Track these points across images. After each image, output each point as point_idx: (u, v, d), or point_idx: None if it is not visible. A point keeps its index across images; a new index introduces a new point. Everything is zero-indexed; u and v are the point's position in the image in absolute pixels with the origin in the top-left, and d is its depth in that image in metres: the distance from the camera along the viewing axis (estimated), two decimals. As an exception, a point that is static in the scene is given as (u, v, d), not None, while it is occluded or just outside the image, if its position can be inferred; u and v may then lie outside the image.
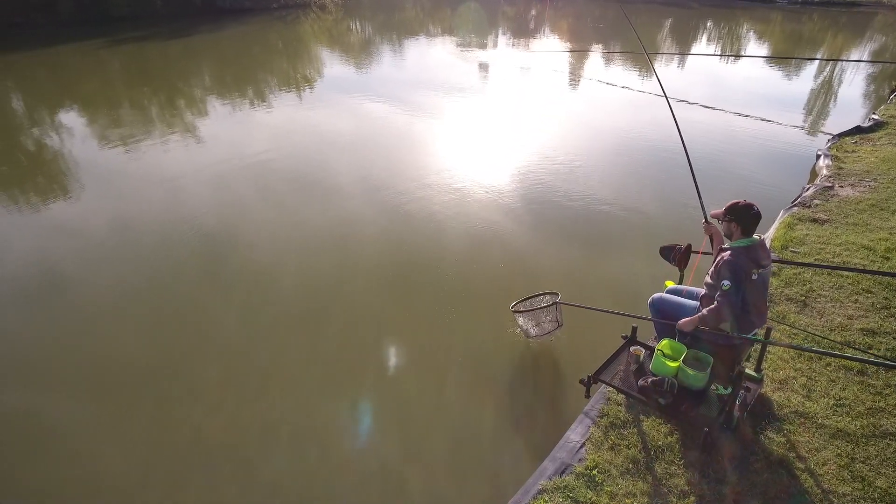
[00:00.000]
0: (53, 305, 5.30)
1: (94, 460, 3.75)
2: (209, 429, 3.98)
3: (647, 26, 33.54)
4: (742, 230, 3.21)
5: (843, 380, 3.82)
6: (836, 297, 4.73)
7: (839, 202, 6.64)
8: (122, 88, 14.79)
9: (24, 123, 11.59)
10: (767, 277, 3.31)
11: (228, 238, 6.47)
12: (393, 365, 4.68)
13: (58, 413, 4.10)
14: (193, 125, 11.10)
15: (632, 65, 19.03)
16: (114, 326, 5.02)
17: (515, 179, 8.26)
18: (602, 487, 3.08)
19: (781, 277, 5.04)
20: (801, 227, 6.03)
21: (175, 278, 5.75)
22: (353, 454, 3.87)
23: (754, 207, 3.18)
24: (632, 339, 3.74)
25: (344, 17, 36.94)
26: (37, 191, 8.03)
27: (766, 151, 9.67)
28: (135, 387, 4.35)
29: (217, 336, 4.92)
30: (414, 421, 4.10)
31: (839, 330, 4.33)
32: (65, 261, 6.02)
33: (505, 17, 41.24)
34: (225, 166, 8.62)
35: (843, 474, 3.10)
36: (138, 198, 7.55)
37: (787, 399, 3.67)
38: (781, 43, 27.99)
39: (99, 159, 9.09)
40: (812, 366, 3.97)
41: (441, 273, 5.80)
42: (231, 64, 18.39)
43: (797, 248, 5.54)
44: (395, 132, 10.71)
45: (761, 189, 7.79)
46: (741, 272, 3.13)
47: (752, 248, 3.19)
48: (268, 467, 3.69)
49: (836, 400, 3.64)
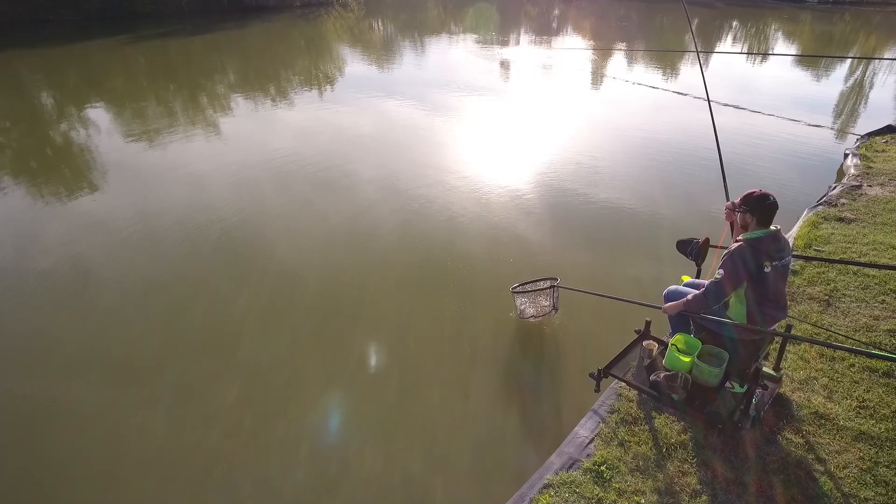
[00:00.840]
0: (74, 301, 5.29)
1: (110, 481, 3.57)
2: (228, 445, 3.81)
3: (671, 26, 33.07)
4: (758, 221, 3.09)
5: (868, 381, 3.66)
6: (862, 298, 4.55)
7: (867, 201, 6.41)
8: (146, 85, 15.00)
9: (52, 117, 11.82)
10: (785, 270, 3.16)
11: (249, 236, 6.41)
12: (412, 370, 4.46)
13: (66, 420, 4.00)
14: (218, 122, 11.16)
15: (656, 63, 18.77)
16: (132, 325, 4.94)
17: (536, 180, 8.09)
18: (610, 484, 2.98)
19: (804, 276, 4.87)
20: (826, 225, 5.84)
21: (195, 276, 5.71)
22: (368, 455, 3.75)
23: (770, 197, 3.05)
24: (645, 333, 3.63)
25: (366, 15, 37.14)
26: (62, 184, 8.11)
27: (792, 151, 9.40)
28: (151, 386, 4.27)
29: (236, 348, 4.72)
30: (431, 420, 4.00)
31: (864, 330, 4.16)
32: (87, 254, 6.04)
33: (528, 16, 41.08)
34: (247, 163, 8.64)
35: (864, 478, 2.96)
36: (161, 193, 7.58)
37: (807, 399, 3.53)
38: (811, 43, 27.31)
39: (123, 154, 9.19)
40: (834, 366, 3.81)
41: (463, 274, 5.64)
42: (255, 61, 18.55)
43: (821, 247, 5.36)
44: (417, 131, 10.60)
45: (786, 188, 7.56)
46: (741, 264, 3.01)
47: (765, 240, 3.06)
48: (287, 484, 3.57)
49: (859, 402, 3.49)
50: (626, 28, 32.51)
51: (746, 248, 3.05)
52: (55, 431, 3.89)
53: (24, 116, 11.79)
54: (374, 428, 3.95)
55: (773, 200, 3.04)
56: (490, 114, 12.12)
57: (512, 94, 13.80)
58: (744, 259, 3.01)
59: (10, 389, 4.24)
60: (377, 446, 3.79)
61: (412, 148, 9.61)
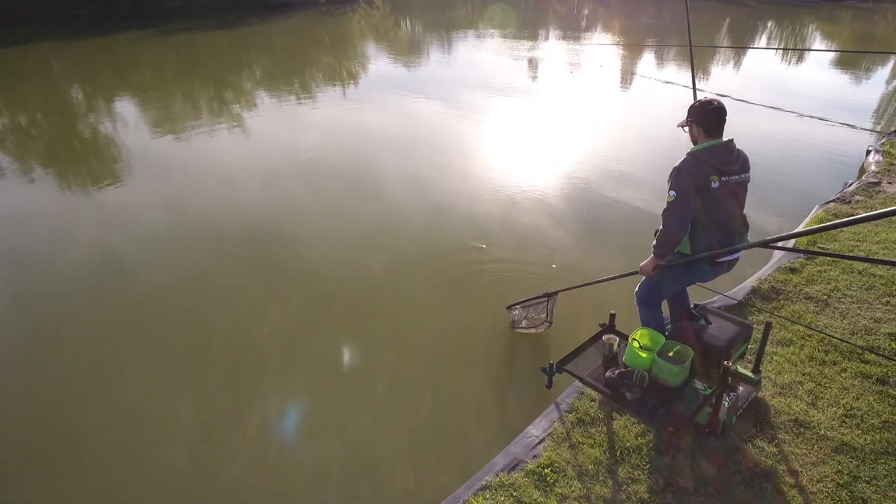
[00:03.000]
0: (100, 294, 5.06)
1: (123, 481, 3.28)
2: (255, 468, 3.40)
3: (702, 24, 32.19)
4: (705, 132, 2.78)
5: (859, 388, 3.31)
6: (864, 298, 4.17)
7: (884, 199, 5.96)
8: (175, 79, 15.10)
9: (81, 110, 11.94)
10: (740, 189, 2.84)
11: (273, 234, 6.07)
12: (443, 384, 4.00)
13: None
14: (244, 118, 10.92)
15: (684, 63, 18.19)
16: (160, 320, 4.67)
17: (563, 182, 7.50)
18: (552, 488, 2.72)
19: (803, 274, 4.50)
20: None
21: (218, 278, 5.32)
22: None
23: (714, 103, 2.74)
24: (609, 326, 3.34)
25: (391, 12, 37.14)
26: (90, 177, 8.00)
27: (818, 149, 8.86)
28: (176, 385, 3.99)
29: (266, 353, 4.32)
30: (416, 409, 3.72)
31: (862, 333, 3.79)
32: (114, 248, 5.83)
33: (556, 14, 40.53)
34: (273, 160, 8.41)
35: (840, 494, 2.64)
36: (186, 187, 7.45)
37: (787, 406, 3.20)
38: (851, 44, 26.12)
39: (150, 147, 9.07)
40: (824, 371, 3.47)
41: (490, 276, 5.22)
42: (280, 58, 18.58)
43: (826, 245, 4.96)
44: (443, 131, 10.12)
45: (805, 186, 7.09)
46: (689, 178, 2.71)
47: (711, 151, 2.75)
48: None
49: (846, 410, 3.15)
50: (650, 26, 31.75)
51: (691, 160, 2.76)
52: (74, 424, 3.64)
53: (56, 108, 11.88)
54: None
55: (717, 106, 2.74)
56: (517, 114, 11.53)
57: (539, 94, 13.30)
58: (690, 173, 2.72)
59: (29, 380, 4.03)
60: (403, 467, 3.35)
61: (439, 148, 9.19)
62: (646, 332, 3.06)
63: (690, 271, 3.07)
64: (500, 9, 39.10)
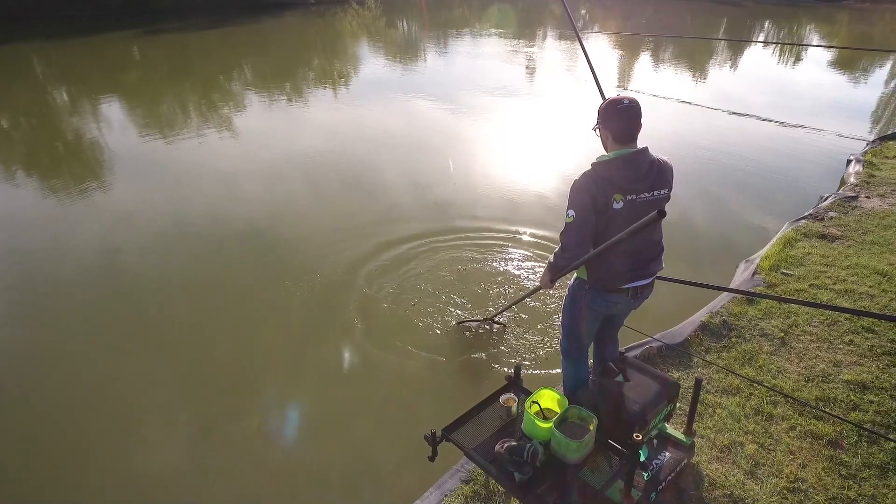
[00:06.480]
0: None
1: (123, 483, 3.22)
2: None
3: (698, 25, 31.73)
4: (613, 136, 2.29)
5: (807, 452, 2.83)
6: (826, 336, 3.69)
7: (860, 215, 5.47)
8: (166, 80, 14.62)
9: (65, 110, 11.52)
10: (649, 209, 2.03)
11: (275, 235, 5.86)
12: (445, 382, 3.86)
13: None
14: (237, 119, 10.53)
15: (679, 69, 17.71)
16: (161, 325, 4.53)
17: (562, 185, 6.95)
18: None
19: (760, 306, 4.02)
20: (804, 243, 4.94)
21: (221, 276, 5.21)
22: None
23: (625, 101, 2.24)
24: (513, 382, 2.84)
25: (383, 13, 36.69)
26: (73, 179, 7.61)
27: (796, 159, 8.35)
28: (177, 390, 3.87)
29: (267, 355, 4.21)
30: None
31: (819, 381, 3.31)
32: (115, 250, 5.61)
33: (552, 15, 40.05)
34: (273, 161, 8.09)
35: None
36: (186, 189, 7.12)
37: (724, 476, 2.73)
38: (849, 44, 25.53)
39: (149, 150, 8.66)
40: (769, 428, 2.99)
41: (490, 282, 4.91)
42: (272, 58, 18.12)
43: (790, 271, 4.47)
44: (440, 133, 9.68)
45: (783, 200, 6.59)
46: (587, 197, 2.24)
47: (615, 165, 2.26)
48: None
49: (789, 481, 2.68)
50: (640, 26, 31.24)
51: (591, 175, 2.29)
52: (74, 427, 3.56)
53: (38, 111, 11.45)
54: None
55: (628, 104, 2.23)
56: (513, 115, 11.08)
57: (533, 96, 12.84)
58: (589, 190, 2.25)
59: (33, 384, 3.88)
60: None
61: (438, 148, 8.84)
62: (549, 394, 2.59)
63: (600, 297, 2.59)
64: (497, 9, 38.65)
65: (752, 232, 5.77)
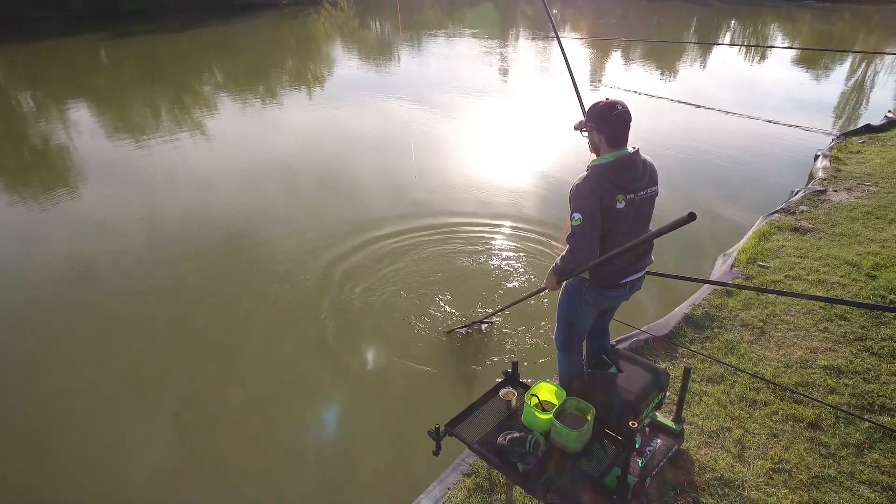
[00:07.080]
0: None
1: (116, 484, 3.27)
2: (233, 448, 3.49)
3: (667, 25, 32.35)
4: (607, 141, 2.39)
5: (790, 435, 2.98)
6: (802, 325, 3.87)
7: (829, 208, 5.72)
8: (136, 84, 14.33)
9: (32, 116, 11.21)
10: (645, 205, 2.48)
11: (250, 237, 5.90)
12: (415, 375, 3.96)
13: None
14: (210, 122, 10.40)
15: (655, 64, 18.05)
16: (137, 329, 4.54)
17: (536, 184, 6.70)
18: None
19: (739, 298, 4.19)
20: (778, 237, 5.15)
21: (198, 279, 5.24)
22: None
23: (618, 106, 2.35)
24: (511, 377, 2.94)
25: (356, 14, 36.50)
26: (43, 186, 7.47)
27: (768, 154, 8.63)
28: (156, 391, 3.92)
29: (238, 354, 4.28)
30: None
31: (797, 367, 3.48)
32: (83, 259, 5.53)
33: (524, 15, 40.35)
34: (251, 164, 8.07)
35: (759, 576, 2.29)
36: (158, 194, 7.05)
37: (713, 460, 2.86)
38: (810, 43, 26.35)
39: (123, 154, 8.52)
40: (753, 413, 3.14)
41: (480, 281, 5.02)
42: (245, 61, 17.90)
43: (766, 263, 4.67)
44: (417, 133, 9.71)
45: (756, 195, 6.82)
46: (594, 198, 2.34)
47: (615, 166, 2.37)
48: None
49: (774, 463, 2.82)
50: (611, 26, 31.78)
51: (594, 177, 2.38)
52: (60, 435, 3.58)
53: (6, 116, 11.16)
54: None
55: (621, 110, 2.34)
56: (489, 115, 11.14)
57: (508, 95, 12.94)
58: (594, 192, 2.35)
59: (12, 398, 3.88)
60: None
61: (415, 148, 8.85)
62: (547, 386, 2.69)
63: (601, 293, 2.70)
64: (470, 10, 38.80)
65: (728, 226, 5.98)
